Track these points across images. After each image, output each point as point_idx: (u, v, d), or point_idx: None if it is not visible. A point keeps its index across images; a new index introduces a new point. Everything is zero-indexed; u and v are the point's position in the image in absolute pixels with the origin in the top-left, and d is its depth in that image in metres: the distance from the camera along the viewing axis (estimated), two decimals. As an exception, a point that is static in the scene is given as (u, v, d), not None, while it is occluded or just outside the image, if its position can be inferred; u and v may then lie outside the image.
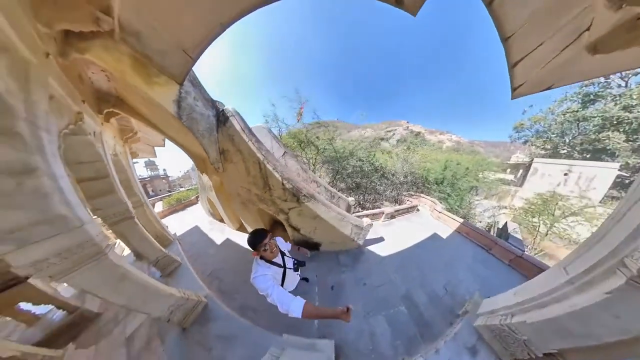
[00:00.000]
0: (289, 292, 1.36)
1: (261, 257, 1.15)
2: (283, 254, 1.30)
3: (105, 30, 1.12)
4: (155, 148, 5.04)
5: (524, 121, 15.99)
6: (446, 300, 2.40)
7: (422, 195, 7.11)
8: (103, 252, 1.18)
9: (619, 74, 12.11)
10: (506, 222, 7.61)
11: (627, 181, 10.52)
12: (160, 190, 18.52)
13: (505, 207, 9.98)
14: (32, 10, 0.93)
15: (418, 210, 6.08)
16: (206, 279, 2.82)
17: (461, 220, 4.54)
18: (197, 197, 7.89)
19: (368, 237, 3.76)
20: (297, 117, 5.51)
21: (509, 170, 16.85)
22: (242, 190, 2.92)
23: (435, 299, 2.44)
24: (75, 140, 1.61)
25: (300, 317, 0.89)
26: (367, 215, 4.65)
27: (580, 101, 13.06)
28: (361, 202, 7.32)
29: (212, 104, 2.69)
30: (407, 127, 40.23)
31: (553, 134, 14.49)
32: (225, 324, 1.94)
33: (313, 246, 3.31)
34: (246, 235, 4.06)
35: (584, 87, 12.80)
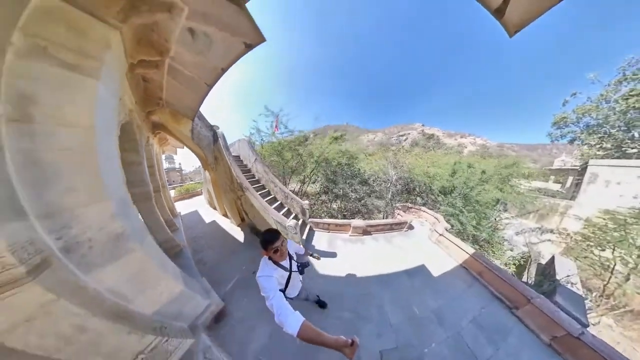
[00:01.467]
0: (291, 298, 1.51)
1: (269, 258, 1.24)
2: (291, 257, 1.40)
3: (161, 105, 3.12)
4: (177, 148, 7.61)
5: (567, 114, 12.84)
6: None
7: (422, 208, 6.15)
8: (151, 198, 3.08)
9: None
10: (553, 257, 5.38)
11: None
12: (173, 181, 22.68)
13: (551, 232, 7.41)
14: (142, 109, 2.97)
15: (412, 227, 5.23)
16: (189, 239, 4.55)
17: (471, 250, 3.39)
18: (202, 190, 10.37)
19: (319, 247, 3.94)
20: (274, 129, 7.42)
21: (552, 177, 14.39)
22: (224, 183, 4.82)
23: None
24: (146, 147, 3.70)
25: (295, 335, 0.84)
26: (329, 225, 4.63)
27: None
28: (333, 213, 7.25)
29: (211, 128, 4.79)
30: (422, 130, 41.82)
31: (613, 127, 11.40)
32: (184, 261, 3.14)
33: (258, 233, 4.30)
34: (227, 221, 6.09)
35: None
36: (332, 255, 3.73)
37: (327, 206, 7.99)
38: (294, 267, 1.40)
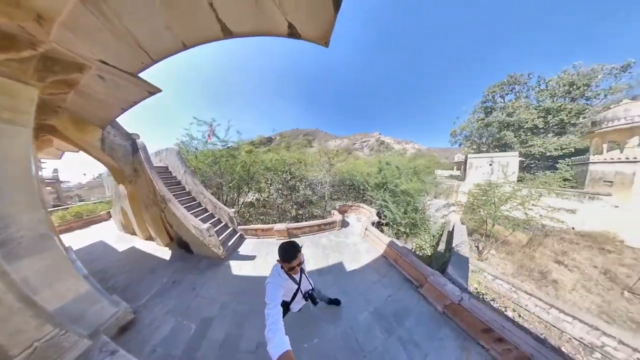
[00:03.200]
0: (293, 312, 1.69)
1: (282, 267, 1.40)
2: (302, 271, 1.57)
3: (59, 113, 3.19)
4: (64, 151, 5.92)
5: (455, 129, 25.21)
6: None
7: (361, 205, 7.42)
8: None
9: (499, 94, 22.29)
10: (454, 225, 7.64)
11: (524, 164, 17.28)
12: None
13: (454, 205, 11.30)
14: (35, 118, 3.08)
15: (346, 225, 5.92)
16: (94, 272, 3.94)
17: (387, 240, 4.11)
18: (109, 212, 8.28)
19: (243, 252, 4.46)
20: (208, 138, 7.93)
21: (455, 167, 24.94)
22: (145, 196, 4.91)
23: (228, 346, 2.29)
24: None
25: (275, 358, 0.91)
26: (257, 230, 5.13)
27: (483, 112, 22.70)
28: (262, 220, 7.52)
29: (128, 136, 4.86)
30: (378, 137, 52.98)
31: (475, 137, 23.73)
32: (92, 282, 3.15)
33: (185, 246, 4.56)
34: (153, 244, 5.75)
35: (484, 103, 22.90)
36: (251, 258, 4.30)
37: (276, 212, 8.52)
38: (304, 284, 1.59)
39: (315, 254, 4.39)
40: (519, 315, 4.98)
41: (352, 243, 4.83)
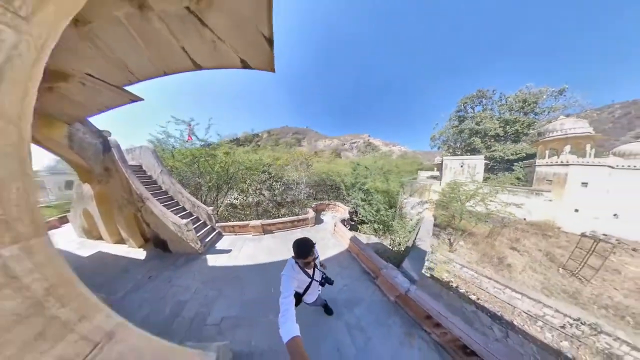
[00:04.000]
0: (309, 303, 1.83)
1: (296, 262, 1.51)
2: (315, 266, 1.66)
3: None
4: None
5: (435, 134, 28.35)
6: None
7: (338, 204, 8.04)
8: None
9: (470, 105, 24.79)
10: (424, 220, 8.47)
11: (489, 166, 19.67)
12: None
13: (427, 202, 12.34)
14: None
15: (320, 222, 6.43)
16: None
17: (350, 235, 4.48)
18: (62, 219, 7.57)
19: (220, 247, 4.69)
20: (188, 138, 7.98)
21: (435, 168, 27.41)
22: (119, 197, 4.91)
23: (197, 321, 2.63)
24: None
25: (285, 341, 1.03)
26: (234, 227, 5.36)
27: (457, 120, 25.63)
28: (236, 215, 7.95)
29: (99, 134, 4.81)
30: (368, 139, 55.78)
31: (451, 142, 26.89)
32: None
33: (163, 244, 4.65)
34: (124, 247, 5.66)
35: (458, 112, 25.76)
36: (226, 251, 4.69)
37: (260, 212, 8.80)
38: (317, 277, 1.70)
39: (286, 247, 4.82)
40: (478, 299, 5.79)
41: (321, 238, 5.23)
